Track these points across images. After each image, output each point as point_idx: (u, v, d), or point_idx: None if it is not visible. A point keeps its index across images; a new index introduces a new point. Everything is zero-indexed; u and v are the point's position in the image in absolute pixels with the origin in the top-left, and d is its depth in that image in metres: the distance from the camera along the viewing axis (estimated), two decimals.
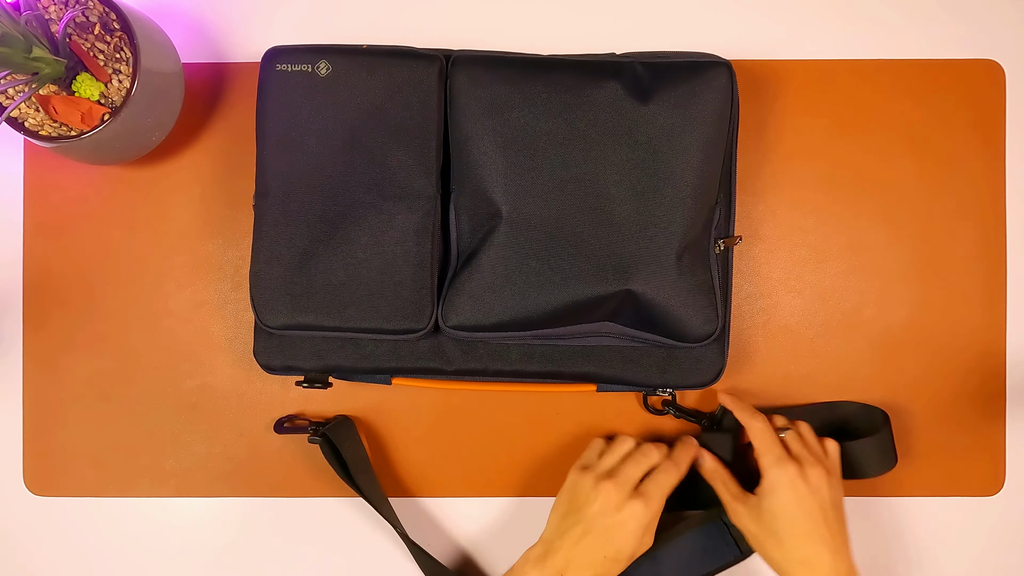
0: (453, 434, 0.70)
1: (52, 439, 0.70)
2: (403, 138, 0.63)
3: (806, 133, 0.70)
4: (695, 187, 0.62)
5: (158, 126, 0.65)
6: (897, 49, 0.70)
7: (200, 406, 0.70)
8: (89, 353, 0.70)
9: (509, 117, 0.62)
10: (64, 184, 0.70)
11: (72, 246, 0.70)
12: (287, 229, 0.63)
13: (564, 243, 0.62)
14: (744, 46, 0.70)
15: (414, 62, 0.63)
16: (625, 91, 0.62)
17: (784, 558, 0.59)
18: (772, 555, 0.60)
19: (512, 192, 0.62)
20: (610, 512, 0.60)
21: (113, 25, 0.61)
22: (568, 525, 0.61)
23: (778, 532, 0.59)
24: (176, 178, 0.70)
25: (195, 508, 0.71)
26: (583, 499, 0.61)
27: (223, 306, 0.70)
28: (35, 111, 0.62)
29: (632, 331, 0.63)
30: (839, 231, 0.70)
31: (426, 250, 0.63)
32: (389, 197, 0.63)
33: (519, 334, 0.63)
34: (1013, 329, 0.70)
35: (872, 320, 0.70)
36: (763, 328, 0.71)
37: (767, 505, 0.60)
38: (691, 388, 0.67)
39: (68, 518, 0.71)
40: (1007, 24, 0.70)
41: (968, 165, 0.70)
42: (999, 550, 0.71)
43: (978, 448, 0.71)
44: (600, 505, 0.60)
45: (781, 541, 0.59)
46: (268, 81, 0.63)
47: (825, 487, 0.60)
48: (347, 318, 0.62)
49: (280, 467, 0.71)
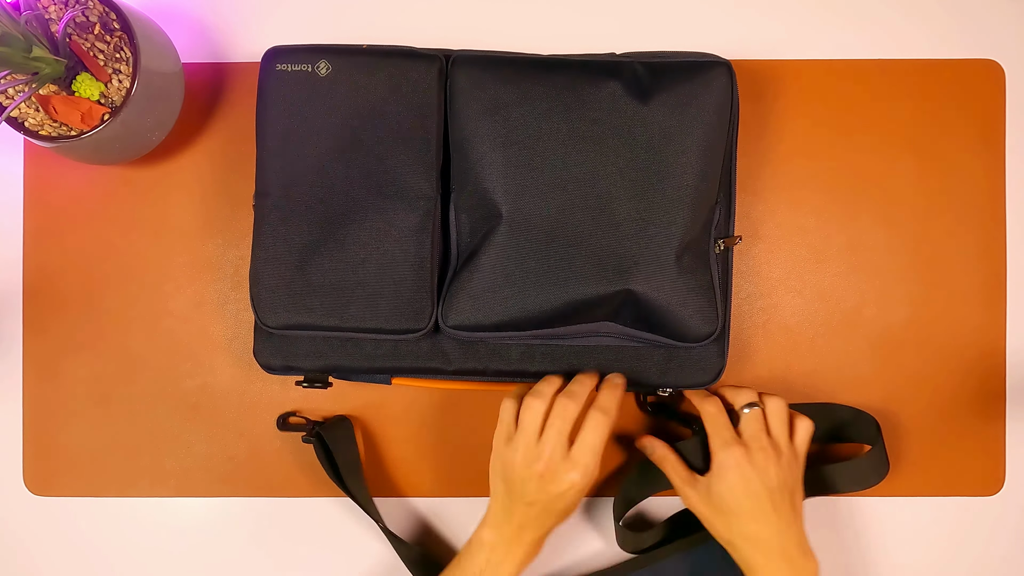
0: (453, 434, 0.70)
1: (52, 439, 0.70)
2: (403, 138, 0.63)
3: (806, 133, 0.70)
4: (695, 187, 0.62)
5: (158, 126, 0.65)
6: (897, 49, 0.70)
7: (200, 406, 0.70)
8: (89, 353, 0.70)
9: (509, 117, 0.62)
10: (64, 184, 0.70)
11: (72, 246, 0.70)
12: (287, 229, 0.63)
13: (564, 243, 0.62)
14: (744, 46, 0.70)
15: (414, 62, 0.63)
16: (625, 91, 0.62)
17: (731, 533, 0.61)
18: (721, 533, 0.61)
19: (512, 192, 0.62)
20: (548, 490, 0.59)
21: (113, 25, 0.61)
22: (511, 510, 0.60)
23: (725, 512, 0.60)
24: (176, 178, 0.70)
25: (195, 508, 0.71)
26: (518, 483, 0.59)
27: (223, 306, 0.70)
28: (35, 111, 0.62)
29: (632, 331, 0.63)
30: (839, 231, 0.70)
31: (426, 250, 0.63)
32: (389, 197, 0.63)
33: (519, 334, 0.63)
34: (1013, 329, 0.70)
35: (872, 320, 0.70)
36: (763, 328, 0.71)
37: (715, 487, 0.61)
38: (691, 388, 0.67)
39: (68, 518, 0.71)
40: (1007, 24, 0.70)
41: (968, 165, 0.70)
42: (999, 550, 0.71)
43: (978, 448, 0.71)
44: (535, 486, 0.59)
45: (728, 520, 0.60)
46: (268, 81, 0.63)
47: (773, 468, 0.60)
48: (347, 318, 0.62)
49: (280, 467, 0.71)
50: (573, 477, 0.58)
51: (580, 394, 0.60)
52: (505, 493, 0.61)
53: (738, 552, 0.61)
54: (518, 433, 0.60)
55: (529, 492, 0.59)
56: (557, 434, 0.59)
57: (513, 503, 0.60)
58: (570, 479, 0.58)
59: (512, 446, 0.60)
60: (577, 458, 0.59)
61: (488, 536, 0.61)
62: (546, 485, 0.58)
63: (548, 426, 0.59)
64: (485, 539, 0.61)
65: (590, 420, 0.60)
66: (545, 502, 0.59)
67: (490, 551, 0.60)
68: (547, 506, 0.59)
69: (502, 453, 0.61)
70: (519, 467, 0.59)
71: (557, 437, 0.59)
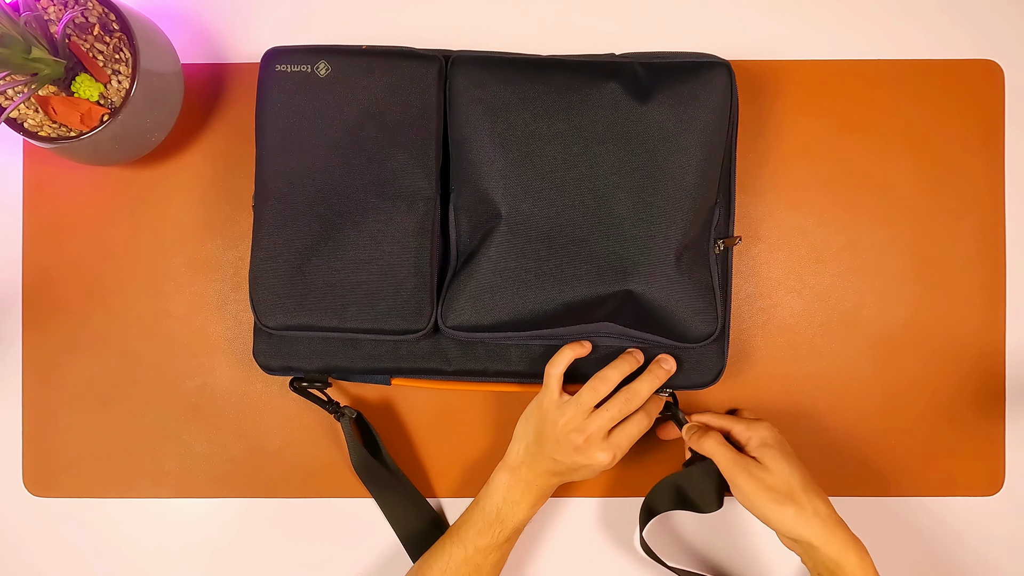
0: (453, 434, 0.70)
1: (52, 440, 0.70)
2: (403, 138, 0.63)
3: (806, 133, 0.70)
4: (694, 187, 0.62)
5: (157, 127, 0.65)
6: (897, 49, 0.70)
7: (200, 407, 0.70)
8: (89, 354, 0.70)
9: (508, 117, 0.62)
10: (64, 184, 0.70)
11: (72, 246, 0.70)
12: (287, 229, 0.63)
13: (563, 243, 0.62)
14: (744, 46, 0.70)
15: (413, 62, 0.63)
16: (624, 91, 0.62)
17: (804, 516, 0.60)
18: (787, 522, 0.60)
19: (511, 192, 0.62)
20: (576, 459, 0.62)
21: (112, 26, 0.61)
22: (536, 458, 0.63)
23: (789, 490, 0.60)
24: (176, 178, 0.70)
25: (195, 508, 0.71)
26: (552, 441, 0.62)
27: (223, 306, 0.70)
28: (34, 112, 0.62)
29: (632, 331, 0.63)
30: (839, 231, 0.70)
31: (426, 250, 0.62)
32: (389, 197, 0.63)
33: (519, 334, 0.63)
34: (1013, 329, 0.70)
35: (872, 320, 0.70)
36: (763, 328, 0.70)
37: (770, 462, 0.61)
38: (691, 388, 0.67)
39: (68, 519, 0.71)
40: (1007, 24, 0.70)
41: (967, 165, 0.70)
42: (999, 550, 0.71)
43: (978, 448, 0.71)
44: (568, 451, 0.62)
45: (796, 499, 0.60)
46: (268, 82, 0.63)
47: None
48: (347, 318, 0.62)
49: (280, 467, 0.71)
50: (603, 457, 0.62)
51: (643, 394, 0.64)
52: (536, 442, 0.63)
53: (820, 542, 0.59)
54: (572, 401, 0.63)
55: (560, 452, 0.62)
56: (610, 419, 0.62)
57: (541, 454, 0.63)
58: (600, 458, 0.62)
59: (562, 409, 0.62)
60: (614, 442, 0.62)
61: (505, 478, 0.64)
62: (577, 455, 0.62)
63: (604, 408, 0.62)
64: (502, 480, 0.64)
65: (636, 416, 0.64)
66: (569, 466, 0.63)
67: (507, 490, 0.64)
68: (569, 469, 0.63)
69: (549, 410, 0.63)
70: (561, 429, 0.62)
71: (609, 422, 0.62)
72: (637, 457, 0.69)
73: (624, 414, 0.63)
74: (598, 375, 0.63)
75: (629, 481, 0.70)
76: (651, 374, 0.64)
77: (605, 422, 0.62)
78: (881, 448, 0.70)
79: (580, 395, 0.63)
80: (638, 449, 0.66)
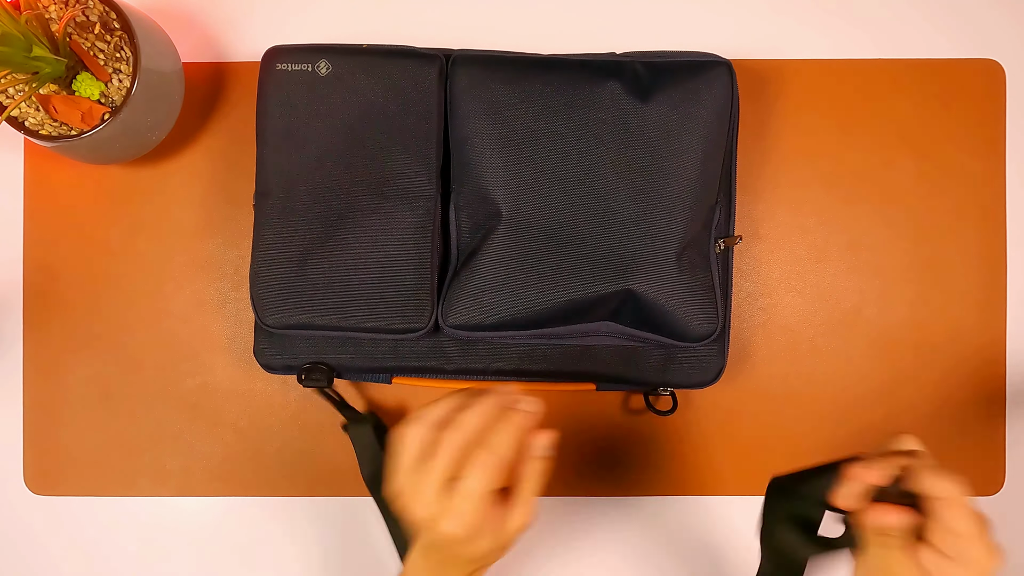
0: None
1: (52, 439, 0.70)
2: (403, 138, 0.63)
3: (806, 133, 0.70)
4: (695, 186, 0.62)
5: (158, 126, 0.65)
6: (897, 49, 0.70)
7: (200, 406, 0.70)
8: (89, 353, 0.70)
9: (509, 117, 0.62)
10: (65, 183, 0.70)
11: (72, 246, 0.70)
12: (287, 229, 0.63)
13: (564, 242, 0.62)
14: (744, 46, 0.70)
15: (414, 62, 0.63)
16: (625, 90, 0.62)
17: None
18: None
19: (512, 192, 0.62)
20: (457, 547, 0.49)
21: (113, 24, 0.61)
22: (428, 560, 0.51)
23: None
24: (176, 178, 0.70)
25: (195, 507, 0.71)
26: (430, 534, 0.48)
27: (223, 306, 0.70)
28: (35, 110, 0.62)
29: (632, 331, 0.63)
30: (839, 231, 0.70)
31: (426, 250, 0.63)
32: (389, 197, 0.63)
33: (519, 333, 0.63)
34: (1013, 329, 0.70)
35: (872, 320, 0.70)
36: (763, 328, 0.71)
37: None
38: (691, 387, 0.67)
39: (69, 517, 0.71)
40: (1007, 24, 0.70)
41: (968, 165, 0.70)
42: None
43: (978, 448, 0.71)
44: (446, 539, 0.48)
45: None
46: (268, 81, 0.63)
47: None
48: (347, 317, 0.62)
49: (280, 467, 0.71)
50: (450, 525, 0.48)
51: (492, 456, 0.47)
52: (423, 553, 0.52)
53: None
54: (424, 478, 0.48)
55: (440, 546, 0.50)
56: (472, 485, 0.47)
57: (428, 561, 0.52)
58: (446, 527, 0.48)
59: (417, 494, 0.48)
60: (456, 508, 0.47)
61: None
62: (453, 542, 0.49)
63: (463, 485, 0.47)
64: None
65: (478, 468, 0.47)
66: (451, 555, 0.50)
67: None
68: (454, 558, 0.51)
69: (411, 495, 0.48)
70: (428, 517, 0.48)
71: (470, 492, 0.47)
72: (636, 457, 0.69)
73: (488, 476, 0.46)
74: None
75: (622, 480, 0.70)
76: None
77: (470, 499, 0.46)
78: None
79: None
80: (637, 449, 0.66)
